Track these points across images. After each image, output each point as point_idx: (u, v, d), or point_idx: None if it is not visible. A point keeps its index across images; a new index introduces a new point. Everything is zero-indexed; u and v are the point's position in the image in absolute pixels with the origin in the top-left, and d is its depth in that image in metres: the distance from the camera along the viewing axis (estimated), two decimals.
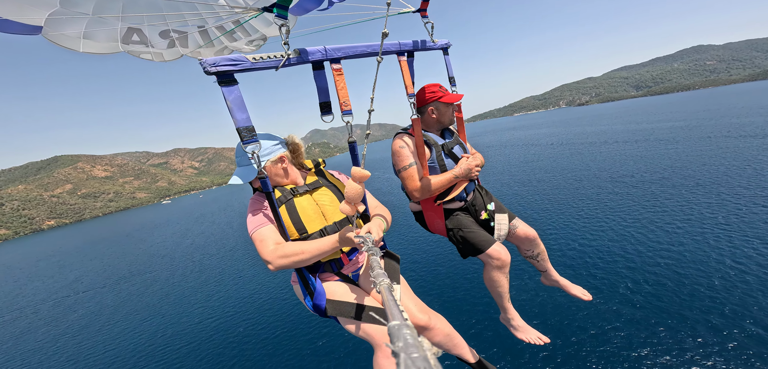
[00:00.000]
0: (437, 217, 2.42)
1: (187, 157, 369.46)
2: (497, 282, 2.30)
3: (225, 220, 60.07)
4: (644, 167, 30.06)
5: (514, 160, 47.88)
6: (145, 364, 15.86)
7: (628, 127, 63.57)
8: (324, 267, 1.87)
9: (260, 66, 1.53)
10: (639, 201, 21.26)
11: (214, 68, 1.41)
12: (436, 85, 2.40)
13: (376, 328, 1.64)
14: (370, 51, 1.87)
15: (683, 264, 13.12)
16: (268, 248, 1.64)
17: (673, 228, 16.65)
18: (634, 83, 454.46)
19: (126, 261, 41.83)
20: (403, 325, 0.59)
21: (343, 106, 1.75)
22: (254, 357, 14.35)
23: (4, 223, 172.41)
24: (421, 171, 2.27)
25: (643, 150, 38.31)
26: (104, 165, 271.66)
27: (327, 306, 1.73)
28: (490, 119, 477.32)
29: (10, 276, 48.42)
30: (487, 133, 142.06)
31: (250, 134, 1.55)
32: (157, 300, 24.72)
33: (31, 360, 19.04)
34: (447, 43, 2.36)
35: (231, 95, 1.47)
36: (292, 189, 1.87)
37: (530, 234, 2.54)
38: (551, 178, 32.84)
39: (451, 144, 2.43)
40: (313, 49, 1.69)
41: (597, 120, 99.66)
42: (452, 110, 2.45)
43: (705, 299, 10.72)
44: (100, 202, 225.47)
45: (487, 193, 2.63)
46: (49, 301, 30.60)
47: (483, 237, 2.30)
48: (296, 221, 1.76)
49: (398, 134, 2.41)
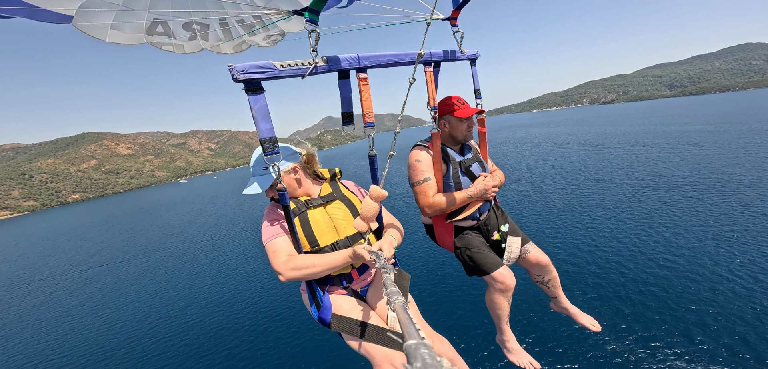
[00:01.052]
0: (447, 234, 2.39)
1: (204, 138, 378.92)
2: (498, 305, 2.27)
3: (236, 202, 61.59)
4: (665, 172, 28.76)
5: (525, 159, 46.73)
6: (156, 335, 16.58)
7: (652, 129, 60.70)
8: (333, 280, 1.88)
9: (287, 73, 1.52)
10: (653, 210, 20.34)
11: (242, 76, 1.41)
12: (455, 98, 2.32)
13: (377, 348, 1.64)
14: (399, 60, 1.82)
15: (708, 299, 11.48)
16: (280, 260, 1.66)
17: (691, 242, 15.63)
18: (668, 82, 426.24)
19: (143, 237, 43.57)
20: (420, 344, 0.58)
21: (366, 118, 1.75)
22: (257, 332, 14.83)
23: (33, 194, 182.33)
24: (436, 187, 2.23)
25: (665, 154, 36.56)
26: (128, 143, 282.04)
27: (332, 321, 1.73)
28: (506, 115, 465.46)
29: (38, 247, 51.23)
30: (502, 128, 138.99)
31: (273, 146, 1.53)
32: (169, 275, 25.69)
33: (52, 327, 20.16)
34: (475, 54, 2.31)
35: (257, 104, 1.46)
36: (306, 201, 1.87)
37: (542, 260, 2.47)
38: (561, 179, 31.88)
39: (469, 161, 2.37)
40: (342, 57, 1.66)
41: (620, 119, 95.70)
42: (467, 125, 2.33)
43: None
44: (122, 179, 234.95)
45: (502, 213, 2.55)
46: (71, 271, 32.23)
47: (490, 259, 2.25)
48: (309, 234, 1.77)
49: (416, 146, 2.37)
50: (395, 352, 1.61)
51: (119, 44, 1.84)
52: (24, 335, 19.24)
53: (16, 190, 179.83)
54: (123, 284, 25.30)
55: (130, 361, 14.66)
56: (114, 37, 1.80)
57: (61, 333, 18.62)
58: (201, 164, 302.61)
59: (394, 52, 1.83)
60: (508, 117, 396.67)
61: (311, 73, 1.57)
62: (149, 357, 14.68)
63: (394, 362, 1.59)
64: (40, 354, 16.61)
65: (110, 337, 17.21)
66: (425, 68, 2.05)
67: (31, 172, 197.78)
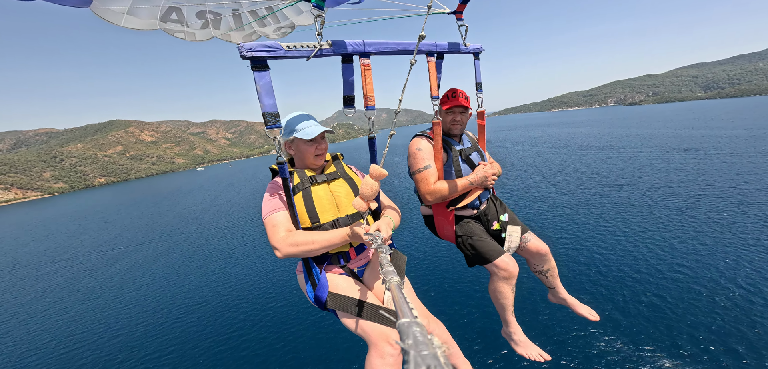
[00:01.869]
0: (448, 222, 2.39)
1: (222, 128, 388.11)
2: (502, 293, 2.25)
3: (249, 191, 63.08)
4: (685, 178, 27.34)
5: (538, 160, 45.70)
6: (169, 314, 17.27)
7: (677, 132, 57.80)
8: (331, 259, 1.88)
9: (293, 54, 1.58)
10: (670, 219, 19.41)
11: (249, 53, 1.47)
12: (449, 91, 2.38)
13: (373, 326, 1.63)
14: (402, 49, 1.87)
15: (706, 299, 11.50)
16: (279, 235, 1.66)
17: (707, 250, 14.97)
18: (704, 83, 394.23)
19: (162, 221, 45.24)
20: (413, 323, 0.59)
21: (367, 102, 1.80)
22: (262, 313, 15.48)
23: (62, 177, 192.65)
24: (437, 175, 2.25)
25: (688, 160, 34.73)
26: (151, 131, 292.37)
27: (328, 298, 1.72)
28: (523, 113, 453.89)
29: (65, 227, 54.08)
30: (517, 128, 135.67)
31: (275, 120, 1.57)
32: (183, 259, 26.74)
33: (72, 305, 21.33)
34: (479, 48, 2.36)
35: (262, 80, 1.52)
36: (311, 177, 1.89)
37: (542, 249, 2.47)
38: (572, 182, 31.01)
39: (469, 150, 2.41)
40: (346, 42, 1.71)
41: (646, 122, 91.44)
42: (452, 118, 2.36)
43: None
44: (144, 165, 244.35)
45: (501, 204, 2.57)
46: (93, 252, 33.91)
47: (492, 247, 2.25)
48: (310, 209, 1.78)
49: (416, 135, 2.39)
50: (391, 330, 1.60)
51: (133, 29, 1.91)
52: (45, 312, 20.46)
53: (48, 173, 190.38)
54: (140, 266, 26.40)
55: (143, 338, 15.36)
56: (129, 22, 1.86)
57: (78, 312, 19.66)
58: (218, 153, 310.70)
59: (398, 41, 1.86)
60: (524, 116, 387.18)
61: (316, 55, 1.61)
62: (161, 335, 15.32)
63: (390, 340, 1.58)
64: (59, 331, 17.60)
65: (125, 317, 18.04)
66: (427, 58, 2.06)
67: (62, 156, 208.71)
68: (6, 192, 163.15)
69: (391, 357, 1.54)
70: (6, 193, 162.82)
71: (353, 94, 1.81)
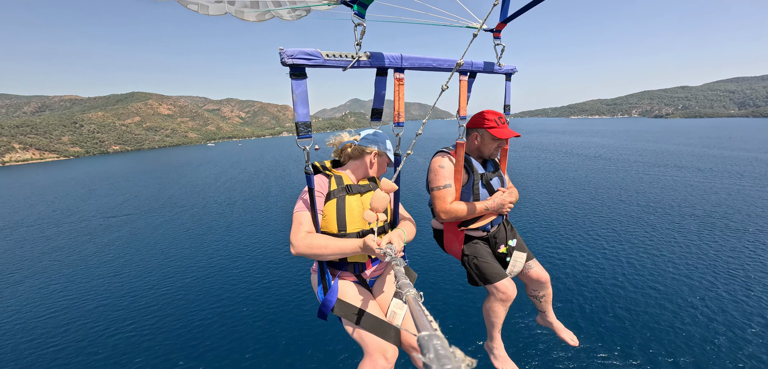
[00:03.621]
0: (457, 240, 2.47)
1: (236, 107, 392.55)
2: (495, 313, 2.35)
3: (253, 169, 63.73)
4: (694, 200, 26.01)
5: (543, 167, 44.54)
6: (159, 288, 17.30)
7: (698, 151, 55.24)
8: (347, 266, 1.94)
9: (331, 63, 1.58)
10: (673, 240, 18.45)
11: (290, 60, 1.50)
12: (495, 115, 2.34)
13: (371, 337, 1.72)
14: (437, 66, 1.85)
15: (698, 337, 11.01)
16: (299, 234, 1.75)
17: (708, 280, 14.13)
18: (740, 99, 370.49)
19: (168, 192, 46.08)
20: (433, 336, 0.57)
21: (396, 118, 1.83)
22: (257, 287, 15.66)
23: (80, 142, 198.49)
24: (454, 195, 2.28)
25: (700, 180, 33.16)
26: (169, 104, 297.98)
27: (336, 305, 1.80)
28: (539, 118, 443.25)
29: (74, 191, 55.47)
30: (530, 132, 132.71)
31: (307, 130, 1.59)
32: (183, 230, 27.14)
33: (67, 269, 21.68)
34: (513, 69, 2.33)
35: (298, 89, 1.53)
36: (347, 186, 1.92)
37: (542, 277, 2.56)
38: (569, 192, 30.01)
39: (490, 175, 2.41)
40: (384, 55, 1.71)
41: (667, 136, 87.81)
42: (498, 145, 2.36)
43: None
44: (158, 136, 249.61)
45: (511, 229, 2.62)
46: (96, 218, 34.58)
47: (495, 269, 2.33)
48: (340, 217, 1.83)
49: (440, 152, 2.42)
50: (389, 345, 1.70)
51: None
52: (40, 275, 20.86)
53: (66, 137, 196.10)
54: (139, 236, 26.73)
55: (133, 311, 15.44)
56: None
57: (69, 277, 19.95)
58: (230, 130, 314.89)
59: (434, 57, 1.87)
60: (540, 120, 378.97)
61: (353, 66, 1.61)
62: (152, 311, 15.36)
63: (386, 354, 1.66)
64: (51, 296, 17.84)
65: (115, 285, 18.23)
66: (461, 77, 2.05)
67: (82, 122, 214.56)
68: (24, 152, 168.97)
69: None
70: (24, 152, 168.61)
71: (382, 107, 1.82)
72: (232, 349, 12.29)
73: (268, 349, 12.23)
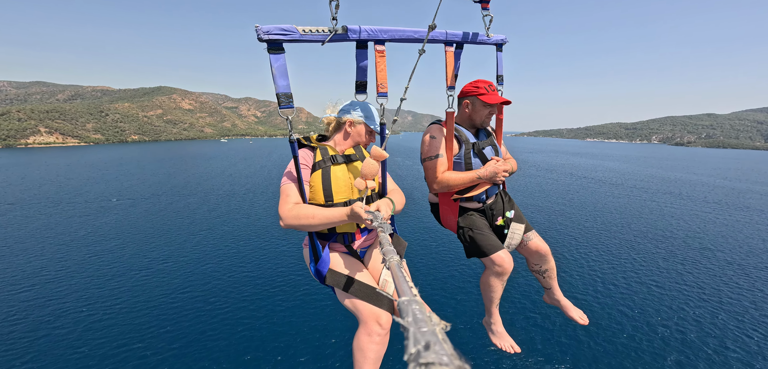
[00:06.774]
0: (451, 212, 2.41)
1: (253, 106, 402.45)
2: (492, 287, 2.32)
3: (259, 165, 64.71)
4: (700, 235, 24.61)
5: (548, 188, 43.35)
6: (160, 268, 17.59)
7: (714, 182, 52.73)
8: (336, 237, 1.95)
9: (308, 38, 1.63)
10: (680, 277, 17.46)
11: (266, 36, 1.55)
12: (485, 82, 2.29)
13: (365, 305, 1.72)
14: (418, 37, 1.86)
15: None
16: (287, 205, 1.76)
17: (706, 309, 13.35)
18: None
19: (173, 181, 47.13)
20: (412, 301, 0.58)
21: (379, 88, 1.85)
22: (255, 276, 16.11)
23: (102, 130, 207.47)
24: (446, 165, 2.26)
25: (710, 212, 31.57)
26: (191, 100, 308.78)
27: (327, 275, 1.82)
28: (554, 138, 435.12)
29: (85, 174, 57.36)
30: (541, 151, 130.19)
31: (288, 100, 1.66)
32: (184, 217, 27.73)
33: (55, 250, 22.10)
34: (503, 40, 2.30)
35: (277, 63, 1.60)
36: (332, 156, 1.93)
37: (542, 249, 2.46)
38: (582, 219, 28.63)
39: (483, 144, 2.36)
40: (361, 27, 1.73)
41: (685, 165, 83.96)
42: (489, 112, 2.32)
43: None
44: (176, 129, 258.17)
45: (510, 200, 2.55)
46: (95, 201, 35.42)
47: (491, 241, 2.26)
48: (326, 188, 1.84)
49: (432, 123, 2.41)
50: (382, 312, 1.70)
51: None
52: (27, 253, 21.36)
53: (90, 124, 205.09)
54: (137, 222, 27.04)
55: (120, 294, 15.52)
56: None
57: (57, 258, 20.30)
58: (244, 128, 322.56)
59: (414, 28, 1.86)
60: (553, 141, 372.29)
61: (330, 39, 1.64)
62: (141, 297, 15.41)
63: (380, 320, 1.67)
64: (36, 275, 18.15)
65: (99, 268, 18.45)
66: (446, 48, 2.06)
67: (108, 112, 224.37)
68: (49, 135, 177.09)
69: (378, 336, 1.65)
70: (49, 136, 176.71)
71: (366, 80, 1.86)
72: (223, 328, 12.63)
73: (262, 327, 12.75)
